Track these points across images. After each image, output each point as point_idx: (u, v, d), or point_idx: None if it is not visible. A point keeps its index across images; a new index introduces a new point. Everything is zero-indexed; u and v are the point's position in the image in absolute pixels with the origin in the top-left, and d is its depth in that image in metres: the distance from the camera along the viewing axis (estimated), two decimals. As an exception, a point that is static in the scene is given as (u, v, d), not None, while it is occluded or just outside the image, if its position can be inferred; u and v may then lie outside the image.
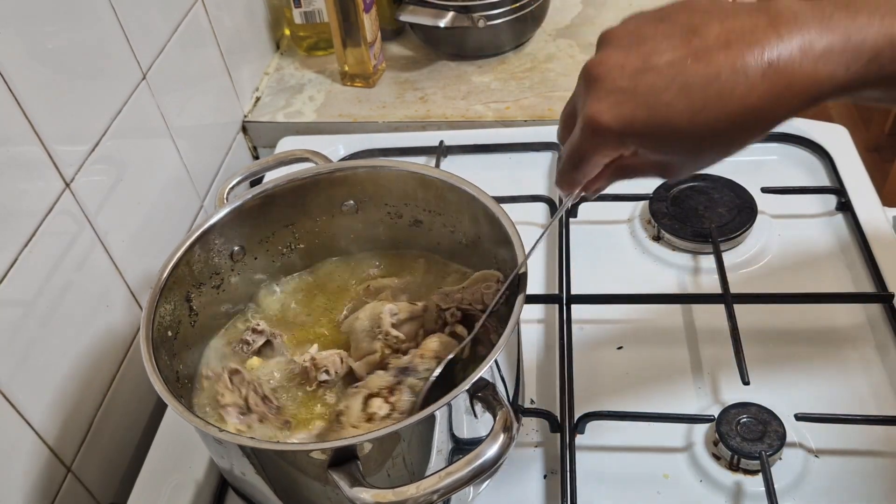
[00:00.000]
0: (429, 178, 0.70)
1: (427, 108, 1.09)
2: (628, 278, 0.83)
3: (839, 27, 0.39)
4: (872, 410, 0.70)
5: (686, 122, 0.41)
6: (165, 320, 0.63)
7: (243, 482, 0.61)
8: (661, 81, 0.41)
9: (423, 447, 0.56)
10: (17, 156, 0.64)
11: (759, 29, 0.40)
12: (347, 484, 0.50)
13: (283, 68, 1.19)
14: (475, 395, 0.54)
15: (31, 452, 0.66)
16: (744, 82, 0.40)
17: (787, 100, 0.40)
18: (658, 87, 0.41)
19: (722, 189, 0.88)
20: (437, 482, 0.48)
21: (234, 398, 0.63)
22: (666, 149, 0.44)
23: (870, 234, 0.83)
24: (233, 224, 0.69)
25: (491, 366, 0.54)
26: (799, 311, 0.78)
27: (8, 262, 0.63)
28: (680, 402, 0.72)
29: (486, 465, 0.49)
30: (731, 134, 0.42)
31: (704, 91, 0.40)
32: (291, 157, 0.77)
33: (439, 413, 0.53)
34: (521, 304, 0.57)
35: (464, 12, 1.08)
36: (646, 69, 0.42)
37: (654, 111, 0.42)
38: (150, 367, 0.57)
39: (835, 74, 0.39)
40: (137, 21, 0.80)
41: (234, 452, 0.57)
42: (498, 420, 0.51)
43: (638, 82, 0.42)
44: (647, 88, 0.41)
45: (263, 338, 0.68)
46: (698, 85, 0.40)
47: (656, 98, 0.41)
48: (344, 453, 0.51)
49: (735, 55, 0.40)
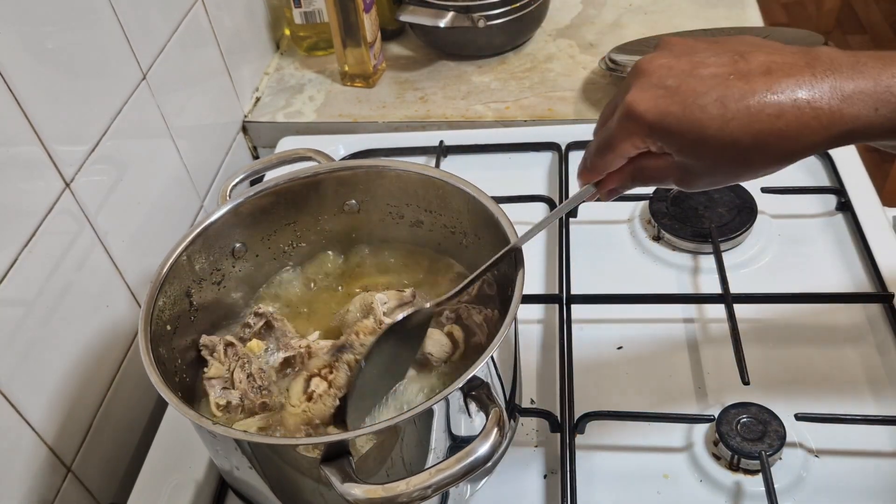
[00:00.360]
0: (430, 178, 0.70)
1: (427, 108, 1.09)
2: (628, 278, 0.83)
3: (870, 74, 0.43)
4: (872, 410, 0.70)
5: (715, 128, 0.44)
6: (165, 314, 0.63)
7: (239, 479, 0.61)
8: (702, 87, 0.45)
9: (420, 445, 0.56)
10: (17, 156, 0.64)
11: (797, 66, 0.44)
12: (339, 479, 0.50)
13: (283, 68, 1.19)
14: (469, 393, 0.54)
15: (30, 452, 0.66)
16: (775, 105, 0.44)
17: (812, 130, 0.44)
18: (698, 92, 0.45)
19: (722, 189, 0.88)
20: (428, 479, 0.48)
21: (221, 371, 0.64)
22: (690, 151, 0.46)
23: (870, 234, 0.83)
24: (234, 221, 0.70)
25: (486, 363, 0.54)
26: (799, 311, 0.78)
27: (8, 262, 0.63)
28: (680, 402, 0.72)
29: (477, 462, 0.49)
30: (753, 151, 0.45)
31: (738, 104, 0.44)
32: (294, 155, 0.77)
33: (436, 409, 0.53)
34: (516, 304, 0.57)
35: (464, 12, 1.08)
36: (691, 74, 0.46)
37: (688, 111, 0.45)
38: (146, 359, 0.57)
39: (860, 115, 0.43)
40: (137, 21, 0.80)
41: (227, 446, 0.57)
42: (490, 418, 0.51)
43: (681, 83, 0.46)
44: (687, 90, 0.45)
45: (263, 319, 0.69)
46: (734, 98, 0.44)
47: (694, 100, 0.45)
48: (336, 449, 0.51)
49: (772, 81, 0.44)
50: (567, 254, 0.83)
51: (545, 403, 0.73)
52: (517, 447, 0.70)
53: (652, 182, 0.51)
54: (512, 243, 0.61)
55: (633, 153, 0.50)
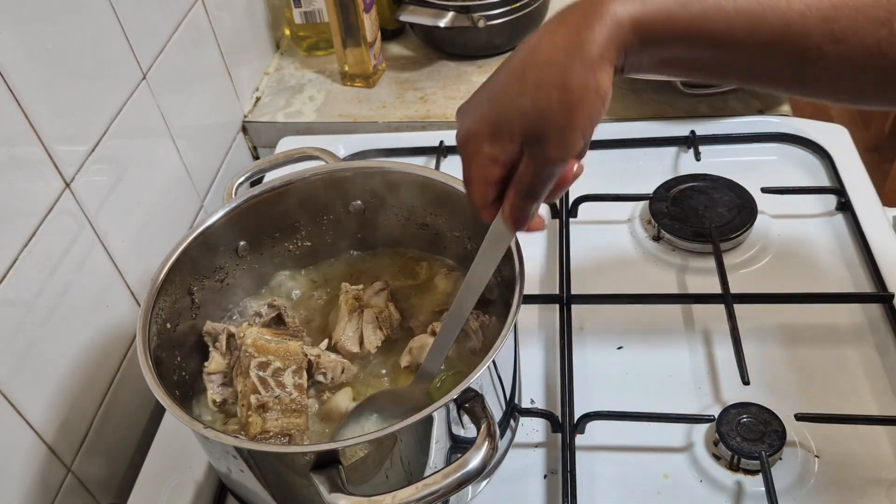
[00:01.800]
0: (435, 181, 0.69)
1: (427, 108, 1.09)
2: (628, 278, 0.83)
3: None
4: (872, 410, 0.70)
5: (525, 100, 0.49)
6: (164, 313, 0.63)
7: (236, 483, 0.61)
8: (504, 88, 0.51)
9: (414, 455, 0.56)
10: (17, 156, 0.64)
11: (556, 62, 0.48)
12: (326, 489, 0.50)
13: (283, 68, 1.19)
14: (462, 405, 0.54)
15: (30, 452, 0.66)
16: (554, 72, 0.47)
17: (581, 61, 0.47)
18: (496, 89, 0.52)
19: (722, 189, 0.88)
20: (415, 492, 0.48)
21: (221, 365, 0.65)
22: (523, 123, 0.49)
23: (870, 234, 0.83)
24: (238, 220, 0.69)
25: (482, 373, 0.54)
26: (799, 311, 0.78)
27: (8, 262, 0.63)
28: (680, 402, 0.72)
29: (468, 475, 0.49)
30: (558, 102, 0.47)
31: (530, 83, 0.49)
32: (301, 154, 0.76)
33: (427, 421, 0.53)
34: (516, 309, 0.57)
35: (464, 12, 1.08)
36: (485, 91, 0.53)
37: (498, 103, 0.51)
38: (144, 362, 0.57)
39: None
40: (137, 21, 0.80)
41: (221, 450, 0.57)
42: (481, 432, 0.51)
43: (483, 98, 0.52)
44: (490, 94, 0.52)
45: (276, 311, 0.69)
46: (525, 82, 0.49)
47: (500, 95, 0.51)
48: (326, 457, 0.51)
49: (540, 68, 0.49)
50: (567, 254, 0.83)
51: (545, 403, 0.73)
52: (517, 447, 0.70)
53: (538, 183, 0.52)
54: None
55: (501, 168, 0.51)
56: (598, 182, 0.92)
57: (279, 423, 0.61)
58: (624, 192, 0.90)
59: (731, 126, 0.98)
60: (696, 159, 0.94)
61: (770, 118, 0.99)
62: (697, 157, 0.95)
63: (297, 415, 0.62)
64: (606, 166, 0.96)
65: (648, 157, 0.98)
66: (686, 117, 1.00)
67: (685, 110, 1.02)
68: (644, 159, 0.97)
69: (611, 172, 0.96)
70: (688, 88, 1.02)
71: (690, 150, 0.96)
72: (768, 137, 0.97)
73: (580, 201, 0.89)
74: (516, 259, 0.60)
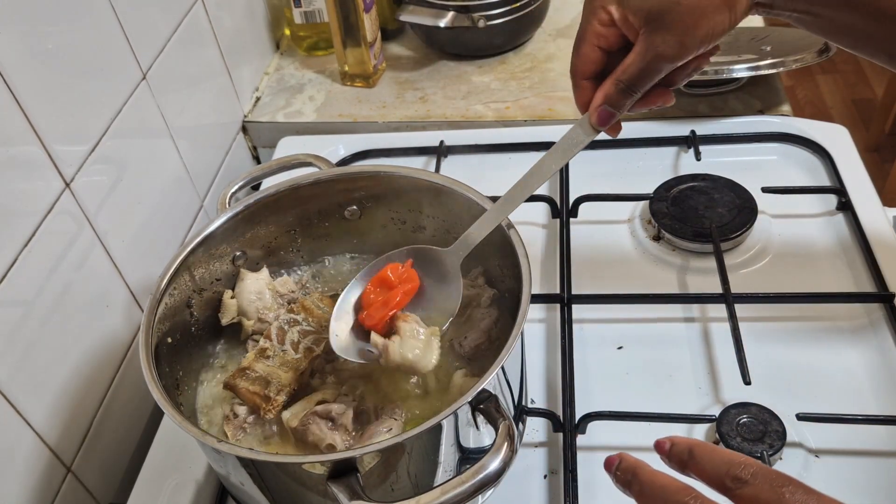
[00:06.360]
0: (430, 183, 0.69)
1: (427, 108, 1.09)
2: (629, 278, 0.83)
3: None
4: (872, 410, 0.70)
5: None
6: (165, 326, 0.63)
7: (242, 492, 0.61)
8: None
9: (428, 459, 0.56)
10: (17, 156, 0.64)
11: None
12: (346, 497, 0.49)
13: (283, 68, 1.19)
14: (477, 407, 0.53)
15: (31, 453, 0.66)
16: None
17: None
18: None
19: (722, 189, 0.88)
20: (439, 496, 0.48)
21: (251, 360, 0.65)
22: (654, 3, 0.52)
23: (870, 234, 0.83)
24: (234, 229, 0.69)
25: (495, 375, 0.53)
26: (799, 311, 0.78)
27: (8, 262, 0.63)
28: (680, 402, 0.72)
29: (488, 478, 0.49)
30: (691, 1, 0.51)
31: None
32: (294, 161, 0.76)
33: (445, 424, 0.53)
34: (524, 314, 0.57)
35: (464, 12, 1.08)
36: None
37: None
38: (148, 376, 0.57)
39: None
40: (137, 21, 0.80)
41: (232, 462, 0.56)
42: (500, 432, 0.50)
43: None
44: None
45: (333, 292, 0.70)
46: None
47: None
48: (344, 466, 0.51)
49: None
50: (568, 254, 0.83)
51: (546, 403, 0.73)
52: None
53: (640, 79, 0.53)
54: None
55: (619, 22, 0.54)
56: (599, 182, 0.92)
57: (267, 369, 0.62)
58: (624, 191, 0.90)
59: (731, 126, 0.98)
60: (697, 159, 0.94)
61: (770, 118, 0.99)
62: (698, 156, 0.95)
63: (286, 370, 0.62)
64: (607, 166, 0.96)
65: (649, 157, 0.98)
66: (686, 117, 1.00)
67: (685, 110, 1.02)
68: (644, 159, 0.97)
69: (611, 172, 0.96)
70: (688, 88, 1.02)
71: (691, 150, 0.96)
72: (768, 137, 0.97)
73: (580, 201, 0.89)
74: (521, 255, 0.60)
